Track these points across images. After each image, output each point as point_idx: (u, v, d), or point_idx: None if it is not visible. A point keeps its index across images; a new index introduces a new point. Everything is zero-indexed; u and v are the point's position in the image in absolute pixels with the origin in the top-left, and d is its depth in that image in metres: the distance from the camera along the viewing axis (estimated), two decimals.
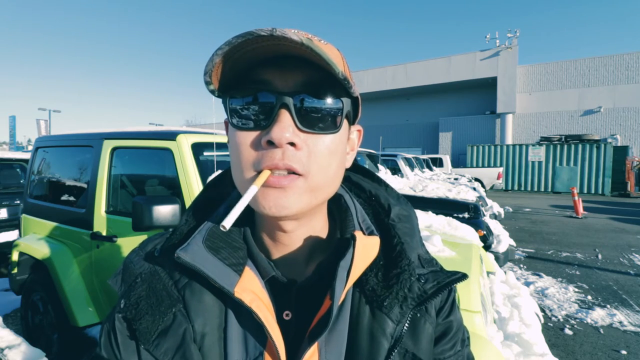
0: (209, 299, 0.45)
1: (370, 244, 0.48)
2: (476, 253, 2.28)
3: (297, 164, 0.40)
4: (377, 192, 0.57)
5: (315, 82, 0.41)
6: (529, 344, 2.11)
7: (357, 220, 0.52)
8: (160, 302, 0.45)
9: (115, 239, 2.20)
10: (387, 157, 8.32)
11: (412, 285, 0.47)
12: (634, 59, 19.05)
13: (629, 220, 9.43)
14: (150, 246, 0.51)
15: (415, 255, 0.51)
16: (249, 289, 0.43)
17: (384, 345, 0.45)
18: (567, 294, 4.16)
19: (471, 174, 14.89)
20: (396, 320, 0.45)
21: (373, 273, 0.47)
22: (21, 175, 5.37)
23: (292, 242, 0.48)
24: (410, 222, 0.54)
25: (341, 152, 0.45)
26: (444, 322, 0.51)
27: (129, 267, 0.50)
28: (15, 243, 2.82)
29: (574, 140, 17.37)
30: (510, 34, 21.01)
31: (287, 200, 0.41)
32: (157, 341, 0.43)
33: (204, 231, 0.47)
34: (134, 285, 0.47)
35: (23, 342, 1.74)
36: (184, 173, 2.01)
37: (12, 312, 3.49)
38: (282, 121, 0.39)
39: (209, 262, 0.44)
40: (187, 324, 0.44)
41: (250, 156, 0.41)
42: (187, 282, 0.46)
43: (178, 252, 0.43)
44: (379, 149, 6.89)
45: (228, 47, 0.36)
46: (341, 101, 0.43)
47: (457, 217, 4.06)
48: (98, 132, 2.59)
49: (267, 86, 0.41)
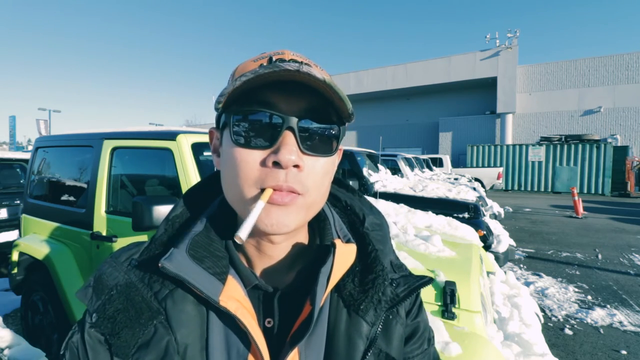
0: (191, 309, 0.45)
1: (347, 251, 0.50)
2: (476, 253, 2.28)
3: (297, 185, 0.42)
4: (352, 202, 0.59)
5: (316, 108, 0.44)
6: (529, 344, 2.11)
7: (335, 229, 0.54)
8: (139, 314, 0.44)
9: (115, 239, 2.20)
10: (387, 157, 8.31)
11: (386, 289, 0.50)
12: (634, 59, 19.05)
13: (629, 220, 9.43)
14: (125, 256, 0.50)
15: (388, 261, 0.54)
16: (233, 297, 0.44)
17: (360, 346, 0.47)
18: (567, 294, 4.16)
19: (471, 174, 14.89)
20: (371, 323, 0.48)
21: (350, 278, 0.50)
22: (21, 175, 5.37)
23: (277, 252, 0.49)
24: (382, 230, 0.57)
25: (332, 171, 0.49)
26: (412, 322, 0.55)
27: (102, 279, 0.48)
28: (15, 243, 2.83)
29: (574, 140, 17.37)
30: (510, 34, 21.03)
31: (287, 218, 0.43)
32: (137, 355, 0.42)
33: (187, 240, 0.47)
34: (108, 298, 0.45)
35: (23, 342, 1.74)
36: (184, 173, 2.01)
37: (12, 312, 3.49)
38: (289, 144, 0.42)
39: (194, 271, 0.44)
40: (169, 335, 0.43)
41: (252, 174, 0.42)
42: (169, 293, 0.45)
43: (162, 262, 0.43)
44: (379, 149, 6.89)
45: (253, 75, 0.39)
46: (338, 127, 0.46)
47: (457, 217, 4.06)
48: (98, 132, 2.59)
49: (273, 108, 0.42)
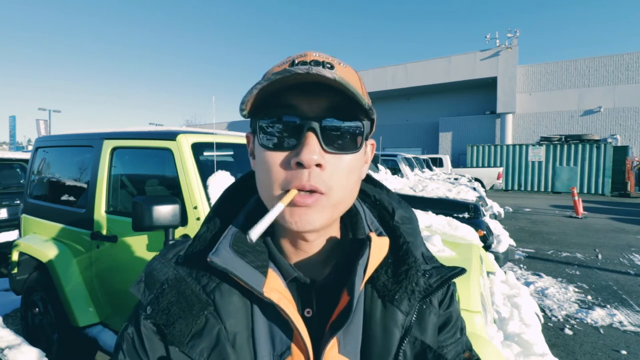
0: (237, 300, 0.49)
1: (381, 244, 0.53)
2: (476, 253, 2.28)
3: (320, 184, 0.44)
4: (380, 197, 0.61)
5: (339, 106, 0.45)
6: (529, 344, 2.12)
7: (367, 223, 0.56)
8: (191, 306, 0.47)
9: (115, 239, 2.20)
10: (387, 157, 8.32)
11: (419, 280, 0.52)
12: (634, 59, 19.05)
13: (629, 220, 9.43)
14: (172, 253, 0.54)
15: (419, 253, 0.56)
16: (275, 289, 0.47)
17: (396, 334, 0.49)
18: (567, 294, 4.16)
19: (471, 174, 14.89)
20: (405, 312, 0.50)
21: (384, 270, 0.52)
22: (21, 175, 5.37)
23: (311, 248, 0.52)
24: (412, 223, 0.59)
25: (359, 168, 0.50)
26: (445, 312, 0.57)
27: (152, 274, 0.52)
28: (15, 243, 2.82)
29: (574, 140, 17.37)
30: (510, 34, 21.03)
31: (311, 217, 0.45)
32: (192, 343, 0.46)
33: (230, 236, 0.50)
34: (161, 292, 0.49)
35: (23, 342, 1.74)
36: (184, 173, 2.01)
37: (12, 312, 3.49)
38: (310, 144, 0.43)
39: (238, 265, 0.47)
40: (219, 324, 0.47)
41: (279, 176, 0.45)
42: (216, 286, 0.49)
43: (211, 257, 0.46)
44: (379, 149, 6.90)
45: (266, 82, 0.41)
46: (362, 123, 0.47)
47: (457, 217, 4.06)
48: (98, 132, 2.59)
49: (295, 110, 0.44)
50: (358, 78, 0.49)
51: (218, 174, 1.99)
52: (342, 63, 0.48)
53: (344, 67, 0.47)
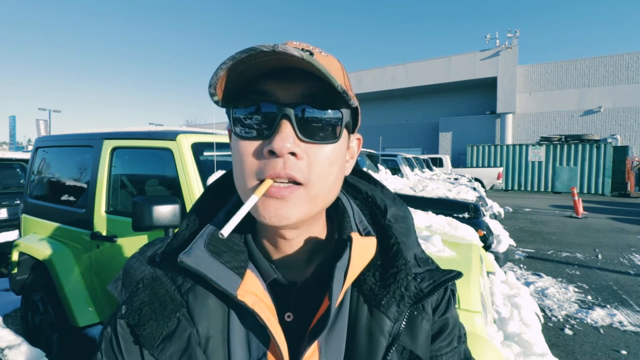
0: (213, 303, 0.46)
1: (367, 244, 0.49)
2: (476, 253, 2.28)
3: (297, 173, 0.41)
4: (373, 194, 0.58)
5: (316, 93, 0.42)
6: (529, 344, 2.11)
7: (355, 222, 0.53)
8: (163, 307, 0.45)
9: (115, 239, 2.20)
10: (387, 157, 8.32)
11: (409, 284, 0.48)
12: (634, 59, 19.04)
13: (629, 220, 9.43)
14: (151, 251, 0.52)
15: (412, 255, 0.52)
16: (251, 292, 0.44)
17: (382, 343, 0.46)
18: (567, 294, 4.16)
19: (471, 174, 14.89)
20: (394, 319, 0.46)
21: (370, 273, 0.49)
22: (21, 175, 5.37)
23: (292, 247, 0.49)
24: (406, 222, 0.56)
25: (341, 161, 0.46)
26: (440, 319, 0.53)
27: (130, 272, 0.50)
28: (15, 243, 2.82)
29: (574, 140, 17.37)
30: (510, 34, 21.01)
31: (287, 211, 0.41)
32: (162, 346, 0.44)
33: (205, 235, 0.48)
34: (135, 291, 0.47)
35: (23, 342, 1.74)
36: (184, 173, 2.01)
37: (12, 312, 3.49)
38: (284, 131, 0.40)
39: (212, 265, 0.44)
40: (191, 327, 0.44)
41: (253, 165, 0.42)
42: (190, 287, 0.46)
43: (181, 257, 0.44)
44: (379, 149, 6.90)
45: (232, 61, 0.38)
46: (340, 112, 0.44)
47: (457, 217, 4.06)
48: (98, 132, 2.59)
49: (269, 97, 0.42)
50: (340, 67, 0.47)
51: (218, 174, 1.99)
52: (323, 52, 0.46)
53: (324, 55, 0.45)
